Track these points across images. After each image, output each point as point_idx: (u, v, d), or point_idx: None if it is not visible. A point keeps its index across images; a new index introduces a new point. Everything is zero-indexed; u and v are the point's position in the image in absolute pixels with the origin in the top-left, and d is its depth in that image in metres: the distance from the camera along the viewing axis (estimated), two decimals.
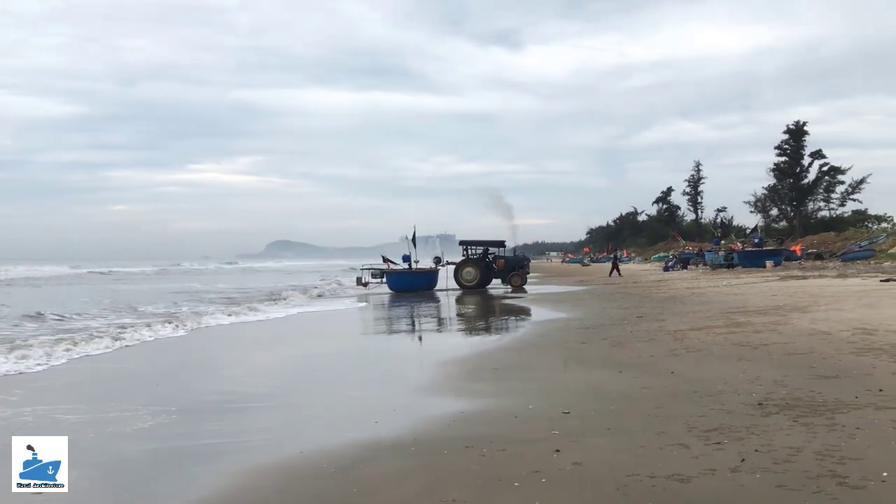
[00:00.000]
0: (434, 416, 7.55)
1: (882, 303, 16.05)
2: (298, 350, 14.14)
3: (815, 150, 77.60)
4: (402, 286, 35.25)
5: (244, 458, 6.32)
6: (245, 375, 10.81)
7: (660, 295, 25.14)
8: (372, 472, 5.68)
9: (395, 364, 11.92)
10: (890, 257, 39.46)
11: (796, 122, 78.81)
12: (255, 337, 16.64)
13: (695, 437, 6.10)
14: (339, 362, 12.45)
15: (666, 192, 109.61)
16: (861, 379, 8.16)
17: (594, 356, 11.24)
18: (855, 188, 75.60)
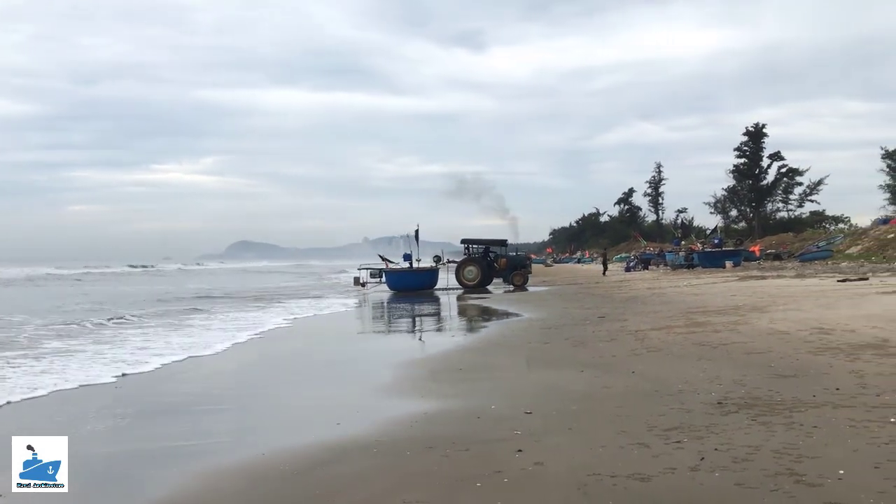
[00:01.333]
0: (397, 417, 7.53)
1: (839, 303, 16.30)
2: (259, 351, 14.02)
3: (774, 152, 78.98)
4: (401, 285, 35.23)
5: (204, 460, 6.26)
6: (200, 378, 10.71)
7: (621, 295, 25.34)
8: (334, 474, 5.66)
9: (358, 365, 11.84)
10: (847, 258, 40.14)
11: (755, 124, 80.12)
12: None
13: (655, 437, 6.15)
14: (301, 363, 12.37)
15: (627, 193, 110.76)
16: (818, 378, 8.27)
17: (556, 356, 11.29)
18: (813, 189, 77.02)
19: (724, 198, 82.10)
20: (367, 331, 18.71)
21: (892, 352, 9.61)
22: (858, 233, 48.23)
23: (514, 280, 36.77)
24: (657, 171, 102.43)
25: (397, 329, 18.33)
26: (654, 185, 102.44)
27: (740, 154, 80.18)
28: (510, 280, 37.00)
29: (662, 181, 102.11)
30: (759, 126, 79.85)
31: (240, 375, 10.98)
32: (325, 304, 27.33)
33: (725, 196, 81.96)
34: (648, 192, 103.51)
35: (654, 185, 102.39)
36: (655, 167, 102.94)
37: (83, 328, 17.11)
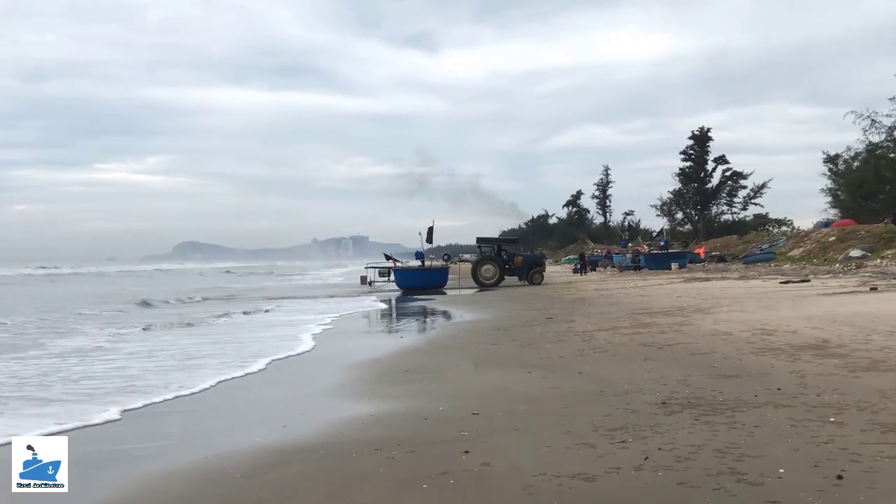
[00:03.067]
0: (344, 419, 7.49)
1: (781, 304, 16.62)
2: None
3: (719, 156, 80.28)
4: (412, 284, 35.41)
5: (147, 463, 6.15)
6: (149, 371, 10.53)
7: (569, 296, 25.53)
8: (280, 477, 5.60)
9: (304, 366, 11.73)
10: (789, 260, 40.91)
11: (701, 128, 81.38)
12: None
13: (600, 437, 6.19)
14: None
15: (576, 196, 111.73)
16: (760, 378, 8.41)
17: (504, 357, 11.33)
18: (756, 193, 78.48)
19: (670, 200, 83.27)
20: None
21: (832, 352, 9.80)
22: (800, 236, 49.20)
23: (533, 278, 37.18)
24: (605, 174, 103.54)
25: (345, 331, 18.21)
26: (601, 187, 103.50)
27: (686, 157, 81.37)
28: (529, 278, 37.30)
29: (610, 184, 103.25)
30: (705, 130, 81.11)
31: None
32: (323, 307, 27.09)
33: (671, 199, 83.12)
34: (596, 195, 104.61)
35: (602, 188, 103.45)
36: (603, 170, 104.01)
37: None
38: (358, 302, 28.40)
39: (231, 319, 20.29)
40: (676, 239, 60.02)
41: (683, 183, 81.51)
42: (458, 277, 37.36)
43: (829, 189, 59.38)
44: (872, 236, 38.51)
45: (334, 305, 26.48)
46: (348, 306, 25.81)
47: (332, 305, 26.51)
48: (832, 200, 59.21)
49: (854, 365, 8.80)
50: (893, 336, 10.69)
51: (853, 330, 11.49)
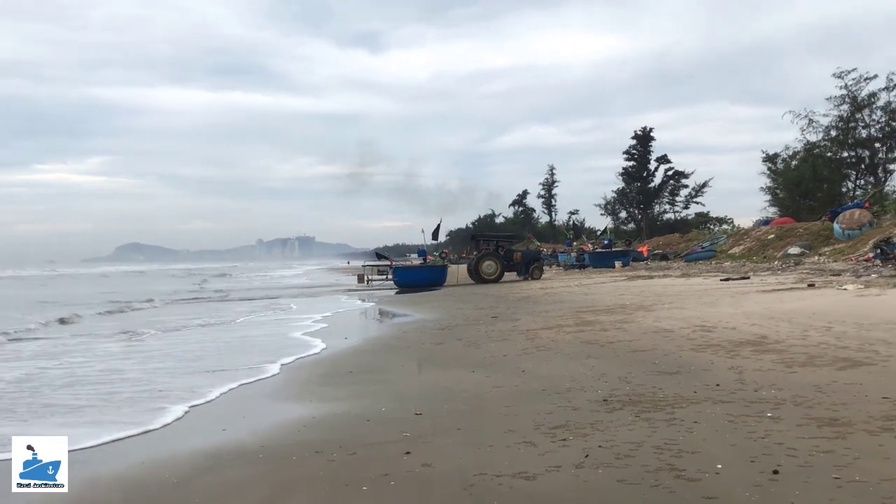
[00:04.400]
0: (284, 422, 7.40)
1: (721, 301, 16.86)
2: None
3: (661, 155, 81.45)
4: (411, 281, 35.52)
5: (79, 469, 5.97)
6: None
7: (514, 295, 25.61)
8: (216, 482, 5.50)
9: (246, 368, 11.50)
10: (730, 257, 41.59)
11: (643, 128, 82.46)
12: None
13: (542, 435, 6.20)
14: (188, 364, 11.97)
15: (522, 195, 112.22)
16: (700, 374, 8.52)
17: (448, 356, 11.30)
18: (698, 192, 79.80)
19: (613, 200, 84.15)
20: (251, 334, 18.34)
21: (770, 348, 9.97)
22: (741, 234, 50.02)
23: (533, 273, 37.49)
24: (550, 174, 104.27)
25: (291, 330, 18.01)
26: (547, 187, 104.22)
27: (629, 157, 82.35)
28: (530, 273, 37.54)
29: (555, 183, 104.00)
30: (647, 130, 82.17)
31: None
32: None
33: (615, 198, 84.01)
34: (542, 194, 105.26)
35: (548, 187, 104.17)
36: (548, 169, 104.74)
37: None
38: (333, 302, 28.12)
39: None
40: (620, 237, 60.59)
41: (627, 182, 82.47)
42: (457, 276, 37.71)
43: (769, 188, 60.54)
44: (810, 234, 39.31)
45: (321, 304, 26.20)
46: (329, 306, 25.57)
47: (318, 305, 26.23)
48: (771, 199, 60.37)
49: (791, 360, 8.96)
50: (829, 332, 10.91)
51: (791, 326, 11.70)
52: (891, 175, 52.92)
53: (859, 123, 52.51)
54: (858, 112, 52.01)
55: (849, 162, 54.63)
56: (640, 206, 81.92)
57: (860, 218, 36.02)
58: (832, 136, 53.87)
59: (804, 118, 53.82)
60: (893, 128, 51.31)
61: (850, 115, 52.41)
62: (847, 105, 52.17)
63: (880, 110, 51.42)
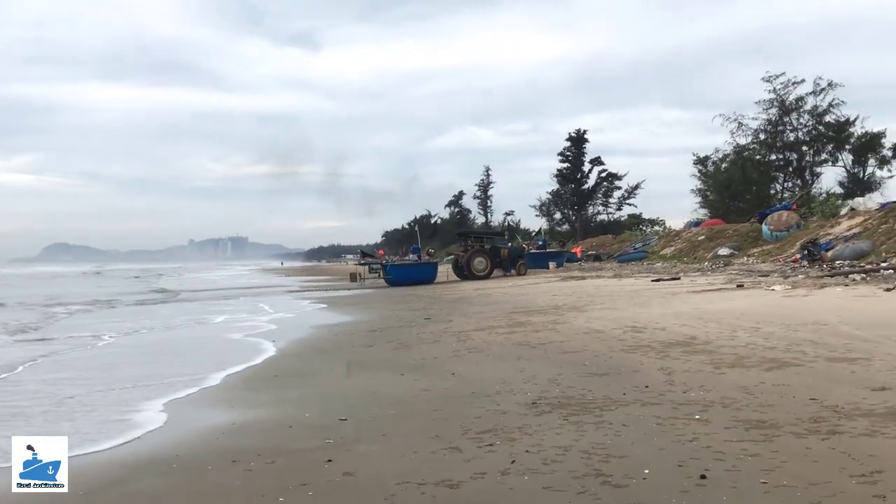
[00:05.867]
0: (203, 429, 7.10)
1: (652, 302, 16.97)
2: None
3: (595, 157, 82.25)
4: (404, 279, 35.76)
5: None
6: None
7: (450, 296, 25.51)
8: (126, 493, 5.23)
9: (163, 372, 11.04)
10: (661, 258, 42.11)
11: (577, 130, 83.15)
12: None
13: (468, 440, 6.04)
14: (102, 366, 11.50)
15: (458, 196, 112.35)
16: (629, 376, 8.46)
17: (378, 359, 11.08)
18: (630, 193, 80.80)
19: (548, 201, 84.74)
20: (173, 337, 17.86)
21: (699, 349, 9.99)
22: (672, 235, 50.71)
23: (519, 269, 38.44)
24: (486, 175, 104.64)
25: (215, 332, 17.58)
26: (483, 187, 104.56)
27: (563, 159, 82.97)
28: (516, 269, 38.46)
29: (491, 184, 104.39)
30: (581, 132, 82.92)
31: (43, 385, 10.04)
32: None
33: (550, 199, 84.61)
34: (478, 195, 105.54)
35: (484, 188, 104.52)
36: (484, 170, 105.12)
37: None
38: (265, 304, 27.57)
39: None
40: (554, 238, 61.03)
41: (561, 184, 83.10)
42: (446, 273, 38.42)
43: (699, 190, 61.55)
44: (739, 235, 39.99)
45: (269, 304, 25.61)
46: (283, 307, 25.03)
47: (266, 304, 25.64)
48: (702, 201, 61.36)
49: (720, 361, 8.97)
50: (757, 332, 10.99)
51: (719, 327, 11.78)
52: (818, 178, 54.25)
53: (787, 127, 53.71)
54: (786, 116, 53.20)
55: (777, 164, 55.84)
56: (574, 207, 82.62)
57: (788, 220, 36.76)
58: (761, 140, 55.01)
59: (734, 121, 54.88)
60: (820, 131, 52.58)
61: (778, 118, 53.58)
62: (775, 109, 53.33)
63: (807, 114, 52.67)
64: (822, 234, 31.67)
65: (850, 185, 50.88)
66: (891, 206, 31.24)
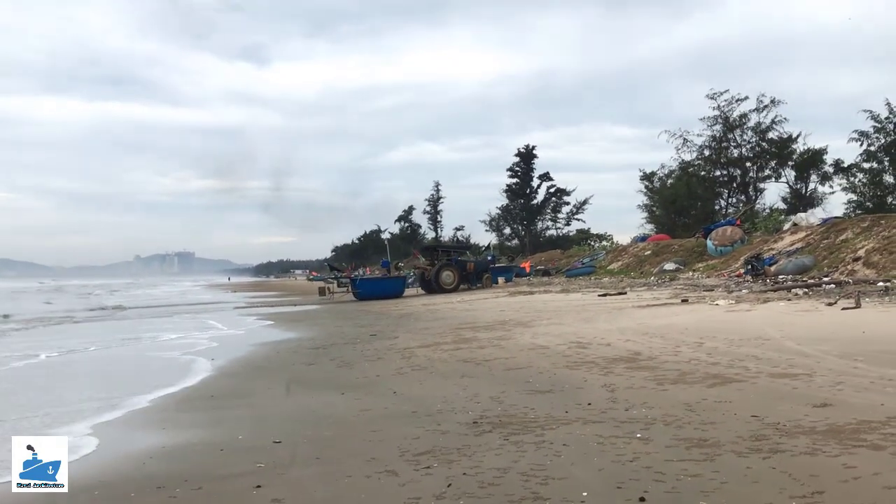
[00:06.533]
0: (130, 453, 6.81)
1: (598, 317, 16.95)
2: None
3: (543, 173, 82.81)
4: (372, 292, 35.63)
5: None
6: None
7: (397, 312, 25.27)
8: None
9: (91, 393, 10.64)
10: (609, 273, 42.37)
11: (526, 146, 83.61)
12: None
13: (405, 462, 5.85)
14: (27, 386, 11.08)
15: (408, 211, 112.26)
16: (573, 393, 8.35)
17: (319, 378, 10.83)
18: (579, 209, 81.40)
19: (498, 216, 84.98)
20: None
21: (643, 365, 9.94)
22: (619, 250, 51.07)
23: (486, 282, 38.88)
24: (436, 190, 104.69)
25: (153, 350, 17.14)
26: (433, 202, 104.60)
27: (513, 174, 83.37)
28: (482, 282, 38.81)
29: (441, 199, 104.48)
30: (530, 148, 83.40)
31: None
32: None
33: (500, 214, 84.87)
34: (428, 210, 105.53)
35: (434, 203, 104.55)
36: (434, 185, 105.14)
37: None
38: (208, 320, 27.00)
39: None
40: (504, 253, 61.13)
41: (510, 199, 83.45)
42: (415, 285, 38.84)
43: (646, 205, 62.21)
44: (685, 250, 40.42)
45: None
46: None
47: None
48: (648, 216, 62.02)
49: (663, 377, 8.91)
50: (701, 347, 10.99)
51: (664, 342, 11.75)
52: (761, 193, 55.11)
53: (731, 143, 54.50)
54: (730, 132, 53.99)
55: (721, 180, 56.60)
56: (523, 222, 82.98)
57: (732, 235, 37.25)
58: (706, 156, 55.74)
59: (679, 138, 55.53)
60: (763, 147, 53.45)
61: (722, 135, 54.35)
62: (720, 125, 54.09)
63: (751, 130, 53.51)
64: (766, 248, 32.10)
65: (793, 201, 51.74)
66: (832, 221, 31.83)
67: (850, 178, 47.39)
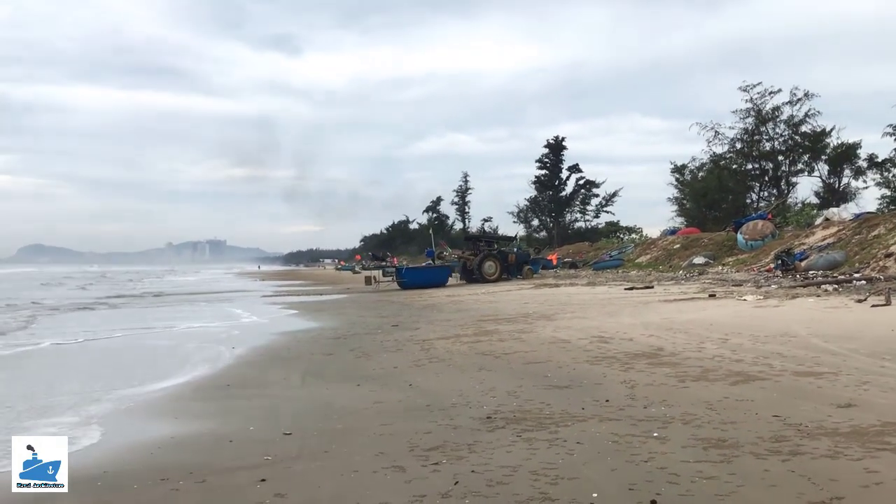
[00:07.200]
0: (139, 443, 6.74)
1: (623, 311, 16.73)
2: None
3: (573, 165, 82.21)
4: (418, 281, 35.92)
5: None
6: None
7: (420, 303, 25.16)
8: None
9: (110, 378, 10.59)
10: (637, 266, 41.98)
11: (555, 138, 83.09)
12: None
13: (414, 458, 5.72)
14: (46, 373, 11.09)
15: (436, 202, 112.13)
16: (591, 389, 8.18)
17: (336, 369, 10.73)
18: (608, 201, 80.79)
19: (526, 207, 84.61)
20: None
21: (665, 361, 9.74)
22: (648, 243, 50.60)
23: (527, 274, 38.62)
24: (464, 181, 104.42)
25: (178, 337, 17.16)
26: (461, 194, 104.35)
27: (541, 166, 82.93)
28: (523, 274, 38.61)
29: (469, 190, 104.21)
30: (559, 139, 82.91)
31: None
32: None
33: (528, 206, 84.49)
34: (456, 201, 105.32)
35: (462, 194, 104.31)
36: (462, 177, 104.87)
37: None
38: (235, 308, 27.10)
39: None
40: (531, 245, 60.86)
41: (539, 190, 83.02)
42: (456, 276, 38.67)
43: (676, 198, 61.59)
44: (715, 244, 39.92)
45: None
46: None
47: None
48: (678, 209, 61.39)
49: (684, 374, 8.71)
50: (725, 344, 10.76)
51: (687, 338, 11.53)
52: (793, 187, 54.35)
53: (763, 136, 53.77)
54: (763, 125, 53.25)
55: (753, 174, 55.89)
56: (551, 214, 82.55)
57: (763, 229, 36.72)
58: (737, 149, 55.04)
59: (710, 130, 54.89)
60: (796, 141, 52.68)
61: (754, 128, 53.63)
62: (752, 118, 53.38)
63: (783, 124, 52.74)
64: (797, 243, 31.61)
65: (826, 196, 50.99)
66: (865, 216, 31.26)
67: (883, 173, 46.65)
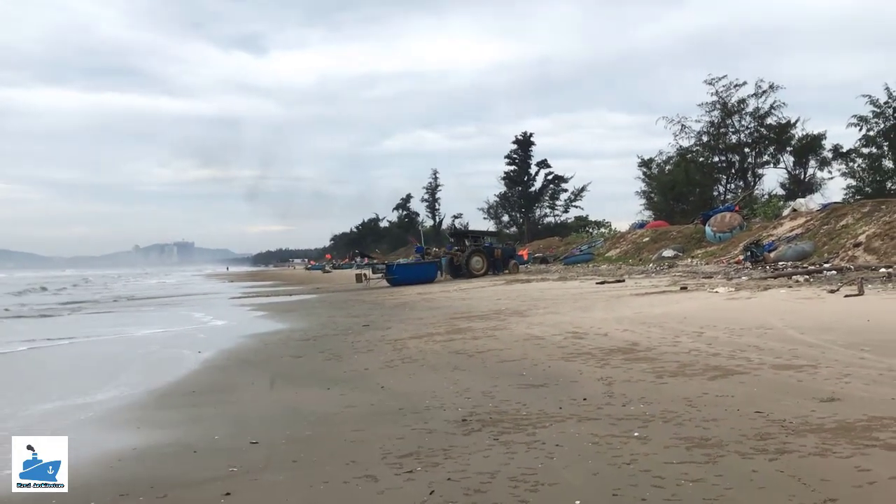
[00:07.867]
0: (98, 455, 6.42)
1: (595, 305, 16.60)
2: None
3: (541, 160, 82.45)
4: (408, 278, 36.08)
5: None
6: None
7: (391, 301, 24.89)
8: None
9: (78, 388, 10.27)
10: (607, 260, 42.06)
11: (524, 133, 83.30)
12: None
13: (387, 466, 5.48)
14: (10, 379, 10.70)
15: (406, 199, 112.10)
16: (567, 387, 7.98)
17: (306, 372, 10.43)
18: (577, 196, 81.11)
19: (496, 203, 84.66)
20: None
21: (641, 356, 9.58)
22: (617, 237, 50.78)
23: (512, 269, 39.29)
24: (433, 178, 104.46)
25: (143, 343, 16.75)
26: (430, 190, 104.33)
27: (510, 162, 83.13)
28: (509, 268, 39.26)
29: (439, 187, 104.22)
30: (528, 135, 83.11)
31: None
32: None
33: (497, 202, 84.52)
34: (426, 198, 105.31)
35: (431, 191, 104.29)
36: (432, 173, 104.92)
37: None
38: (200, 311, 26.61)
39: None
40: (502, 241, 60.80)
41: (508, 186, 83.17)
42: (442, 271, 38.66)
43: (644, 192, 61.91)
44: (684, 236, 40.11)
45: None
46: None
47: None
48: (646, 203, 61.72)
49: (661, 370, 8.55)
50: (701, 337, 10.63)
51: (662, 332, 11.40)
52: (759, 179, 54.82)
53: (729, 129, 54.16)
54: (728, 118, 53.63)
55: (720, 166, 56.30)
56: (521, 209, 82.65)
57: (731, 221, 36.91)
58: (704, 142, 55.38)
59: (677, 124, 55.20)
60: (762, 133, 53.07)
61: (720, 120, 54.00)
62: (718, 111, 53.73)
63: (749, 116, 53.17)
64: (765, 235, 31.77)
65: (791, 187, 51.46)
66: (832, 206, 31.45)
67: (849, 163, 47.17)
